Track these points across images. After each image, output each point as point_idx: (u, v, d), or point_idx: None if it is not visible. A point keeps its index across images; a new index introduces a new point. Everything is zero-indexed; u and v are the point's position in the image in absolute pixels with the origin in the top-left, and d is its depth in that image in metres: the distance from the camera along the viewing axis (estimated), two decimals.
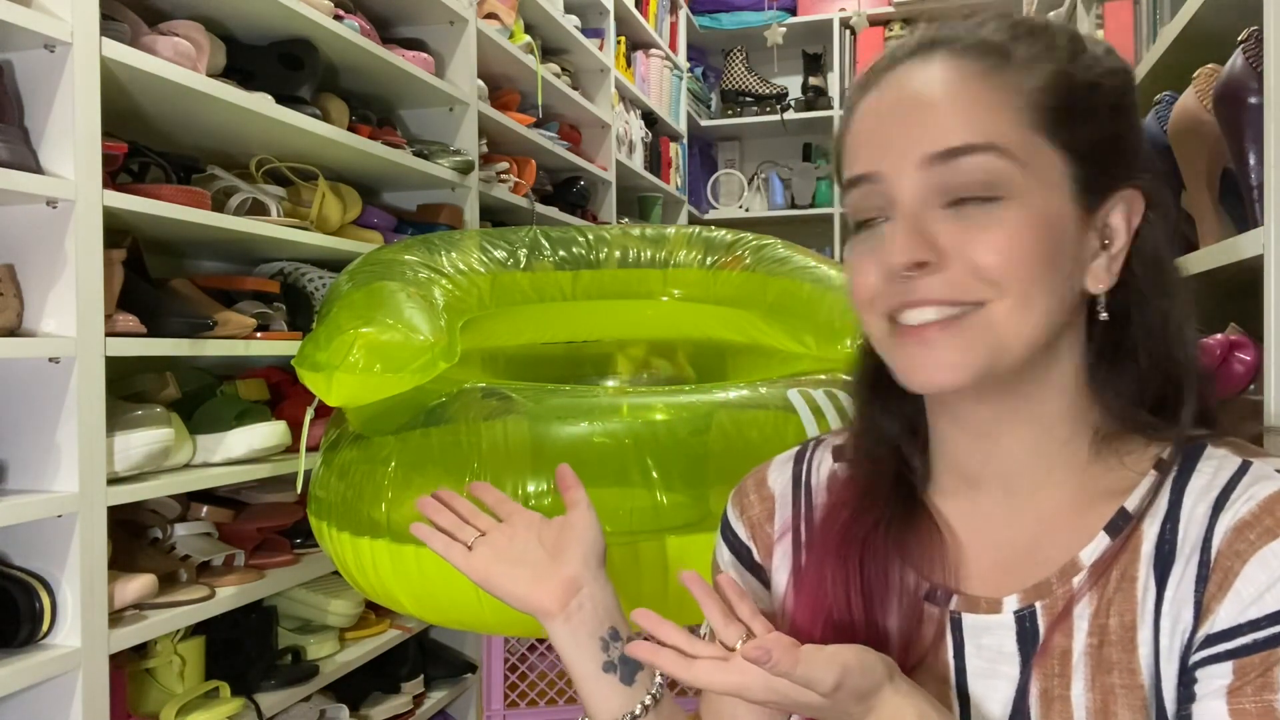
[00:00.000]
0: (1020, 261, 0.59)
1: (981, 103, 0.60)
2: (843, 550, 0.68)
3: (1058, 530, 0.64)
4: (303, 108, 1.76)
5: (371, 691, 2.00)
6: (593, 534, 0.81)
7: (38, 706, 1.28)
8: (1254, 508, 0.57)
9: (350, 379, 1.18)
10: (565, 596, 0.78)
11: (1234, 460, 0.61)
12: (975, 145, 0.59)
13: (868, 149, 0.63)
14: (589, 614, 0.78)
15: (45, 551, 1.29)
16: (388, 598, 1.16)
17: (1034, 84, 0.60)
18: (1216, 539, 0.58)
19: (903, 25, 4.24)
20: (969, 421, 0.66)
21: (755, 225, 4.38)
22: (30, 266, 1.30)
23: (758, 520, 0.77)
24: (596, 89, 3.34)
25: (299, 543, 1.82)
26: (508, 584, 0.79)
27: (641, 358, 1.75)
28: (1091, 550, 0.62)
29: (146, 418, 1.42)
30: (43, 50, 1.28)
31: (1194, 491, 0.60)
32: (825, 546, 0.70)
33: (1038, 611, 0.62)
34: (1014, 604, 0.63)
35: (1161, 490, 0.62)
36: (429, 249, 1.53)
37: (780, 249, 1.67)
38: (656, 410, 1.19)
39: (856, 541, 0.68)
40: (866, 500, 0.69)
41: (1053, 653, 0.61)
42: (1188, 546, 0.59)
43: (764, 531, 0.77)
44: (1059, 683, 0.60)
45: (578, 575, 0.79)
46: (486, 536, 0.83)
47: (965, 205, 0.60)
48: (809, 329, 1.49)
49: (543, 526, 0.83)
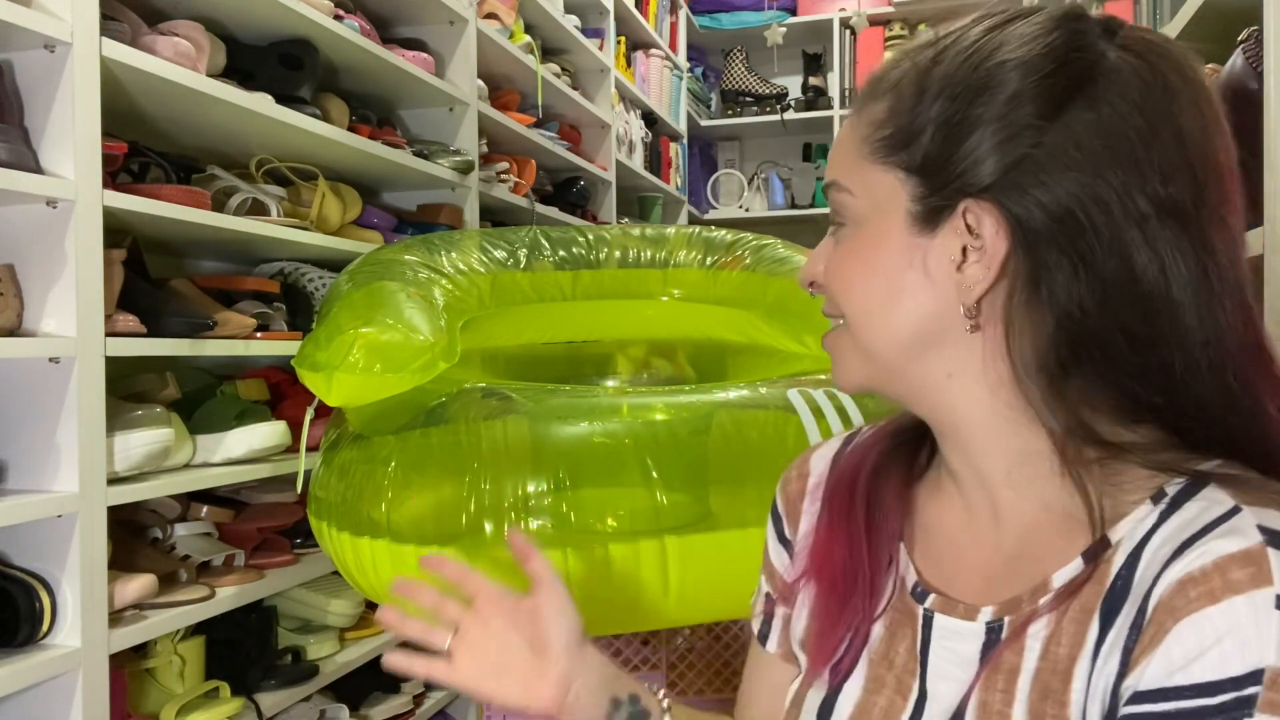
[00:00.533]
0: (849, 279, 0.65)
1: (841, 143, 0.67)
2: (849, 519, 0.72)
3: (1041, 546, 0.63)
4: (303, 108, 1.76)
5: (371, 691, 2.00)
6: (568, 615, 0.80)
7: (38, 706, 1.28)
8: (1205, 564, 0.53)
9: (350, 379, 1.18)
10: (559, 695, 0.77)
11: (1225, 504, 0.55)
12: (831, 182, 0.67)
13: None
14: (586, 701, 0.78)
15: (45, 551, 1.29)
16: (388, 598, 1.16)
17: (872, 116, 0.64)
18: (1159, 589, 0.54)
19: (902, 25, 4.24)
20: (942, 435, 0.68)
21: (755, 225, 4.38)
22: (30, 266, 1.30)
23: (793, 497, 0.80)
24: (596, 89, 3.34)
25: (299, 543, 1.82)
26: (500, 696, 0.78)
27: (641, 358, 1.75)
28: (1064, 574, 0.61)
29: (146, 418, 1.42)
30: (43, 50, 1.28)
31: (1165, 531, 0.57)
32: (834, 510, 0.74)
33: (1005, 626, 0.62)
34: (988, 615, 0.63)
35: (1143, 524, 0.58)
36: (429, 249, 1.53)
37: (780, 249, 1.67)
38: (656, 410, 1.19)
39: (862, 509, 0.71)
40: (878, 476, 0.73)
41: (1001, 668, 0.61)
42: (1139, 590, 0.56)
43: (796, 509, 0.79)
44: (1001, 699, 0.60)
45: (566, 671, 0.78)
46: (463, 637, 0.80)
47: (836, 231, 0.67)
48: (809, 329, 1.49)
49: (516, 615, 0.80)
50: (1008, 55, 0.60)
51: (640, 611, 1.08)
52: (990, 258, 0.60)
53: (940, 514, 0.70)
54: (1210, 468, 0.59)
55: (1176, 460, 0.59)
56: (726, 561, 1.10)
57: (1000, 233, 0.59)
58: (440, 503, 1.09)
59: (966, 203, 0.60)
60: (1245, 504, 0.55)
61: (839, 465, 0.77)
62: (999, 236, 0.59)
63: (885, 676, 0.67)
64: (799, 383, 1.27)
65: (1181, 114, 0.58)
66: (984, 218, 0.59)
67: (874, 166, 0.64)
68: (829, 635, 0.70)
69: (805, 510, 0.78)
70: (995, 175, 0.59)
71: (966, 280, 0.61)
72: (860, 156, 0.65)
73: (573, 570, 1.07)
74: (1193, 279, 0.58)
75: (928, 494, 0.71)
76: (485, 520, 1.07)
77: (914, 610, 0.67)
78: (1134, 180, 0.57)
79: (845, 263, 0.66)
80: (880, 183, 0.63)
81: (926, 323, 0.63)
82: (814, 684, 0.70)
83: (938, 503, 0.70)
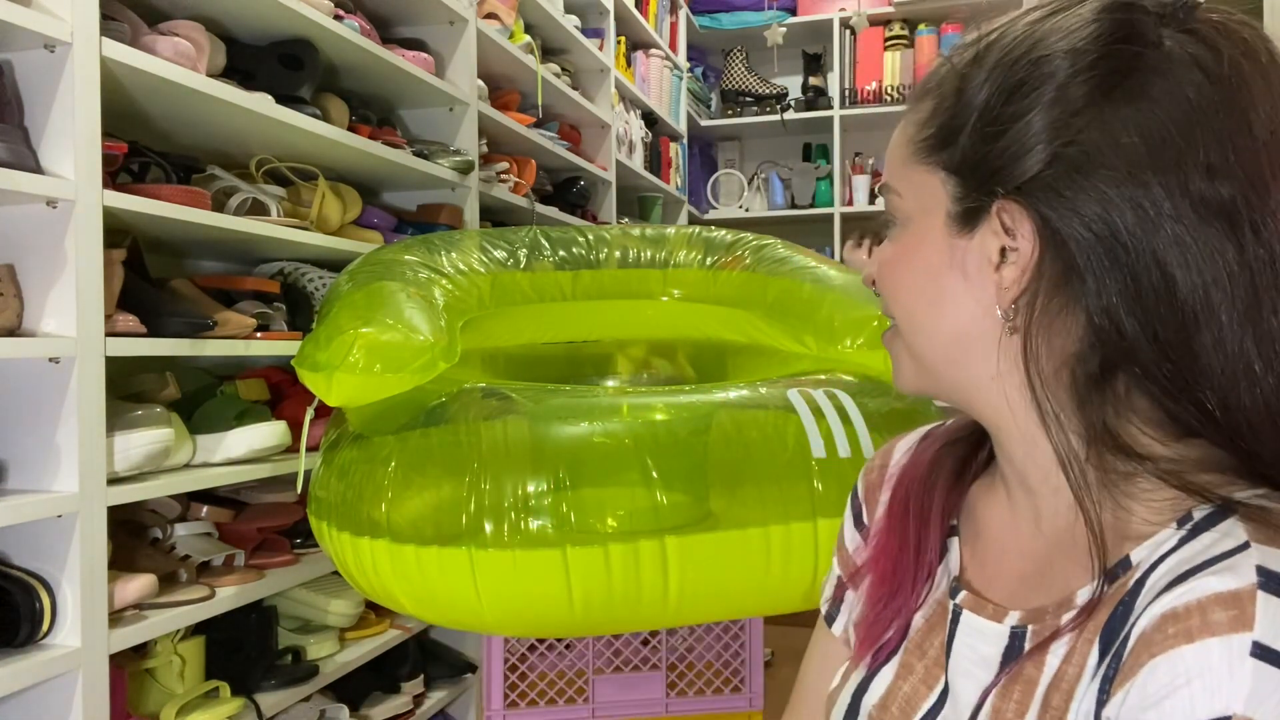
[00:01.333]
0: (895, 280, 0.66)
1: (892, 144, 0.67)
2: (904, 514, 0.73)
3: (1074, 557, 0.62)
4: (303, 108, 1.76)
5: (371, 691, 2.00)
6: None
7: (38, 706, 1.28)
8: (1190, 601, 0.50)
9: (350, 379, 1.18)
10: None
11: (1237, 539, 0.52)
12: (884, 183, 0.68)
13: None
14: None
15: (45, 551, 1.29)
16: (388, 598, 1.16)
17: (918, 116, 0.64)
18: (1143, 621, 0.52)
19: (902, 25, 4.24)
20: (993, 438, 0.68)
21: (755, 225, 4.38)
22: (30, 266, 1.30)
23: (872, 485, 0.81)
24: (596, 89, 3.34)
25: (299, 543, 1.82)
26: None
27: (641, 358, 1.75)
28: (1087, 591, 0.59)
29: (146, 418, 1.42)
30: (43, 50, 1.28)
31: (1173, 560, 0.54)
32: (893, 504, 0.75)
33: (1028, 634, 0.62)
34: (1014, 620, 0.63)
35: (1160, 548, 0.56)
36: (429, 249, 1.53)
37: (780, 249, 1.67)
38: (656, 410, 1.19)
39: (916, 506, 0.72)
40: (933, 475, 0.73)
41: (1019, 678, 0.60)
42: (1131, 618, 0.54)
43: (874, 497, 0.80)
44: (1015, 709, 0.60)
45: None
46: None
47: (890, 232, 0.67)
48: (809, 329, 1.49)
49: None
50: (1046, 50, 0.58)
51: (640, 611, 1.08)
52: (1023, 259, 0.58)
53: (990, 513, 0.70)
54: (1245, 496, 0.55)
55: (1213, 483, 0.56)
56: (726, 561, 1.10)
57: (1032, 234, 0.57)
58: (440, 503, 1.09)
59: (1000, 203, 0.59)
60: (1258, 541, 0.52)
61: (907, 459, 0.78)
62: (1031, 238, 0.58)
63: (915, 665, 0.68)
64: (799, 383, 1.27)
65: (1252, 103, 0.55)
66: (1019, 218, 0.58)
67: (919, 167, 0.64)
68: (875, 623, 0.72)
69: (880, 499, 0.79)
70: (1029, 175, 0.57)
71: (1004, 281, 0.59)
72: (907, 158, 0.65)
73: (573, 570, 1.07)
74: (1236, 284, 0.54)
75: (983, 492, 0.72)
76: (485, 520, 1.07)
77: (948, 605, 0.68)
78: (1175, 181, 0.54)
79: (892, 264, 0.66)
80: (924, 184, 0.63)
81: (968, 325, 0.62)
82: (858, 666, 0.72)
83: (990, 502, 0.71)
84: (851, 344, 1.41)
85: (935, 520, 0.71)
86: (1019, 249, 0.58)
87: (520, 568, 1.06)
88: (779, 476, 1.13)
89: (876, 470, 0.82)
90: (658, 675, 1.64)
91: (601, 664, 1.62)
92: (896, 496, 0.75)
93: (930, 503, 0.72)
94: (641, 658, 1.64)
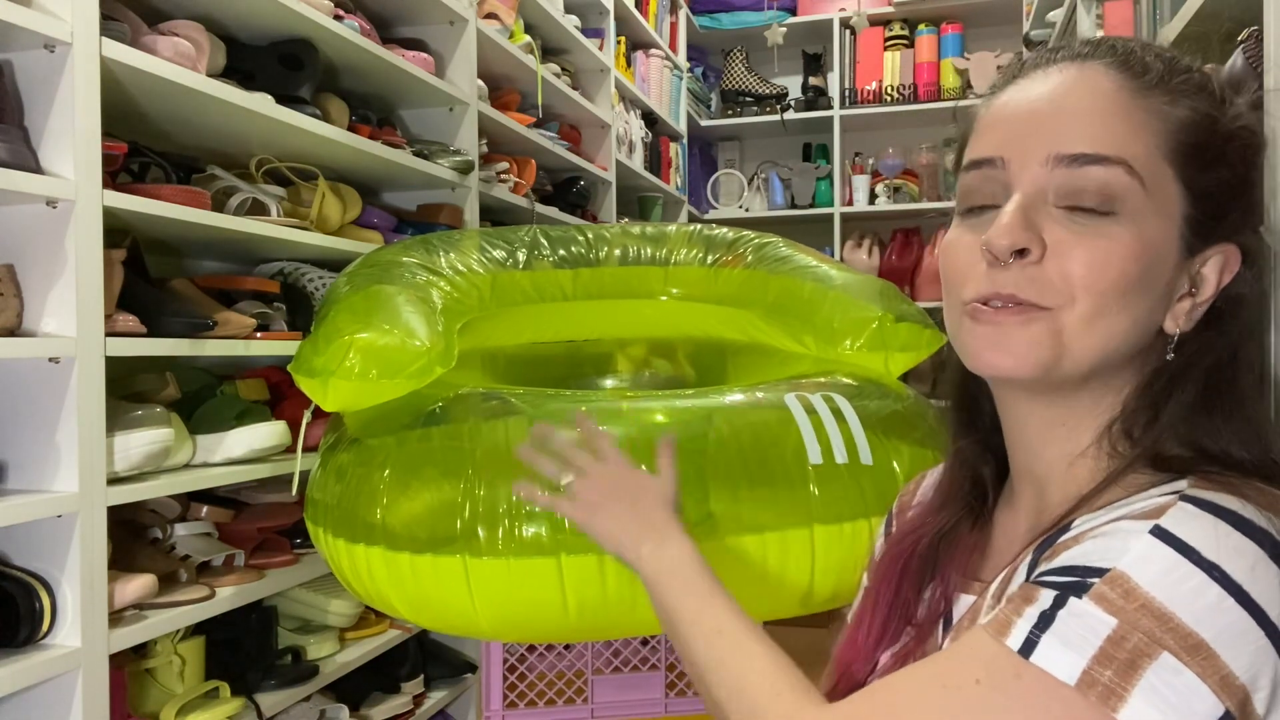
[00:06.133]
0: (1109, 278, 0.60)
1: (1125, 117, 0.61)
2: (902, 546, 0.76)
3: None
4: (303, 108, 1.76)
5: (371, 691, 2.00)
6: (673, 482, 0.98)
7: (38, 706, 1.28)
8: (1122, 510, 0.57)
9: (346, 384, 1.18)
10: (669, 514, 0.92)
11: (1178, 488, 0.57)
12: (1106, 157, 0.60)
13: (999, 135, 0.65)
14: None
15: (45, 551, 1.29)
16: (383, 603, 1.16)
17: (1180, 116, 0.62)
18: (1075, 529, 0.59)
19: (902, 25, 4.24)
20: (1023, 427, 0.68)
21: (755, 225, 4.37)
22: (30, 266, 1.30)
23: (904, 506, 0.84)
24: (596, 89, 3.33)
25: (299, 543, 1.82)
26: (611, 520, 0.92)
27: (641, 357, 1.75)
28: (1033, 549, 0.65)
29: (146, 418, 1.42)
30: (43, 50, 1.28)
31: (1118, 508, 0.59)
32: (896, 538, 0.78)
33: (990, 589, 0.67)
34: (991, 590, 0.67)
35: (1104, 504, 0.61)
36: (428, 249, 1.53)
37: (782, 247, 1.67)
38: (656, 414, 1.19)
39: (912, 541, 0.75)
40: (937, 511, 0.75)
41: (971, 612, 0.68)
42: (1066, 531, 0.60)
43: (904, 516, 0.83)
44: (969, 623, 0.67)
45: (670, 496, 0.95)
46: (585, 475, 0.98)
47: (1078, 213, 0.61)
48: (809, 329, 1.49)
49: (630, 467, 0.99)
50: None
51: (639, 615, 1.07)
52: (1209, 298, 0.63)
53: (992, 527, 0.74)
54: (1212, 470, 0.59)
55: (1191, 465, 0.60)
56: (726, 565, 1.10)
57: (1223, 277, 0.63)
58: (435, 509, 1.09)
59: (1226, 248, 0.63)
60: (1196, 488, 0.57)
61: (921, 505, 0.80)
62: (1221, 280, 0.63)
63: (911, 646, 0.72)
64: (797, 386, 1.27)
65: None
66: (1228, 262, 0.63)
67: (1169, 168, 0.62)
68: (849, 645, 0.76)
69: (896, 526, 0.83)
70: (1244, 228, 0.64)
71: (1181, 310, 0.63)
72: (1162, 151, 0.62)
73: (567, 578, 1.07)
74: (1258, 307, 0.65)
75: (984, 520, 0.74)
76: (480, 527, 1.06)
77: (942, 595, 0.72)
78: None
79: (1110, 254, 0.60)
80: (1169, 187, 0.62)
81: (1139, 338, 0.63)
82: None
83: (1011, 509, 0.73)
84: (851, 345, 1.41)
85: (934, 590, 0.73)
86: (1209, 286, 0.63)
87: (515, 575, 1.06)
88: (776, 482, 1.13)
89: (909, 494, 0.85)
90: (657, 675, 1.64)
91: (601, 664, 1.62)
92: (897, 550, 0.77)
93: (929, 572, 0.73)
94: (641, 658, 1.64)
